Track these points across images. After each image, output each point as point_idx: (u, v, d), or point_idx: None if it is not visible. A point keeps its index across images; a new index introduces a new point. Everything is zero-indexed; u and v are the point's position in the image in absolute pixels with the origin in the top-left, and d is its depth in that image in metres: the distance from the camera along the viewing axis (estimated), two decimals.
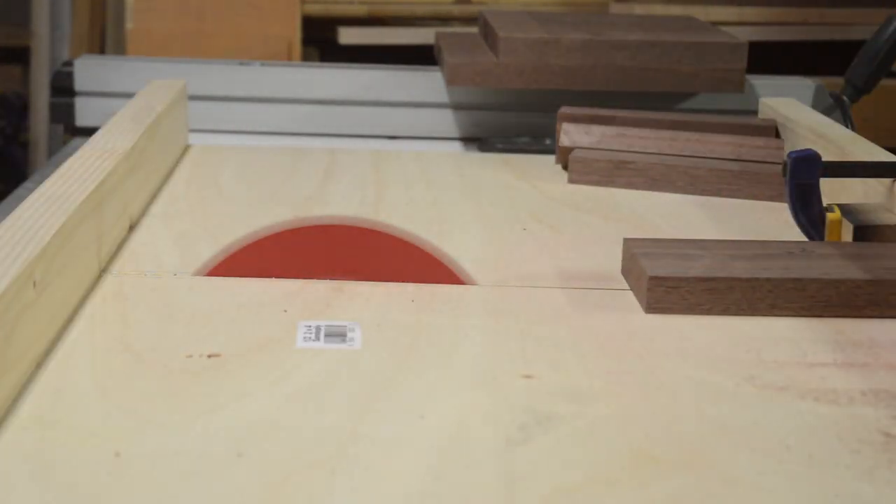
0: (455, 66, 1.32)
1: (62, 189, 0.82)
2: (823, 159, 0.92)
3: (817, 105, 1.42)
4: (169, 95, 1.17)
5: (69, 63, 1.46)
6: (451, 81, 1.33)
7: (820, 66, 1.58)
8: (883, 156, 1.01)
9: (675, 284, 0.80)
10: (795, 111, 1.21)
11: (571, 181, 1.15)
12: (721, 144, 1.16)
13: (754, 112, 1.32)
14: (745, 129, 1.20)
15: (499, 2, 2.01)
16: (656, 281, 0.80)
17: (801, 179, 0.91)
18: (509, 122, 1.40)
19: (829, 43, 2.05)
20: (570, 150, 1.18)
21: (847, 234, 0.90)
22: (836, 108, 1.36)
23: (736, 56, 1.32)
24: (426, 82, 1.41)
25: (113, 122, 1.05)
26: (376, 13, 2.00)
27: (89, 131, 1.40)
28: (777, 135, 1.20)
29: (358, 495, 0.55)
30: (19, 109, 2.54)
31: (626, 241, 0.86)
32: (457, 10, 2.01)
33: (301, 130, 1.40)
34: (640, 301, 0.81)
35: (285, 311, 0.78)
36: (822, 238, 0.91)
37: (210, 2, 1.80)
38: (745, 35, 1.50)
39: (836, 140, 1.08)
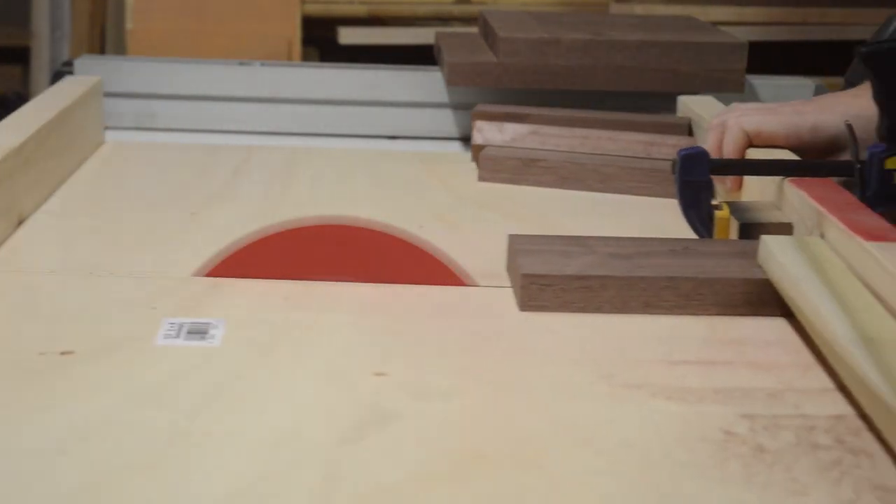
0: (455, 66, 1.32)
1: None
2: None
3: None
4: (77, 92, 1.18)
5: (69, 63, 1.46)
6: (451, 81, 1.32)
7: (820, 66, 1.58)
8: (781, 155, 0.99)
9: (548, 282, 0.80)
10: (709, 109, 1.21)
11: (482, 179, 1.15)
12: (633, 143, 1.17)
13: None
14: (658, 128, 1.20)
15: (499, 2, 2.01)
16: (530, 278, 0.80)
17: (690, 177, 0.91)
18: None
19: (829, 43, 2.05)
20: (482, 147, 1.19)
21: (734, 232, 0.90)
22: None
23: (736, 56, 1.32)
24: (426, 82, 1.41)
25: (9, 119, 1.06)
26: (376, 13, 2.00)
27: None
28: (690, 133, 1.21)
29: (174, 494, 0.54)
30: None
31: (510, 237, 0.86)
32: (457, 10, 2.01)
33: (301, 130, 1.40)
34: (516, 298, 0.81)
35: (154, 308, 0.78)
36: (711, 235, 0.91)
37: (210, 2, 1.80)
38: (745, 35, 1.50)
39: None
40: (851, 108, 0.90)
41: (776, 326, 0.78)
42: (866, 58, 0.87)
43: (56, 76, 1.45)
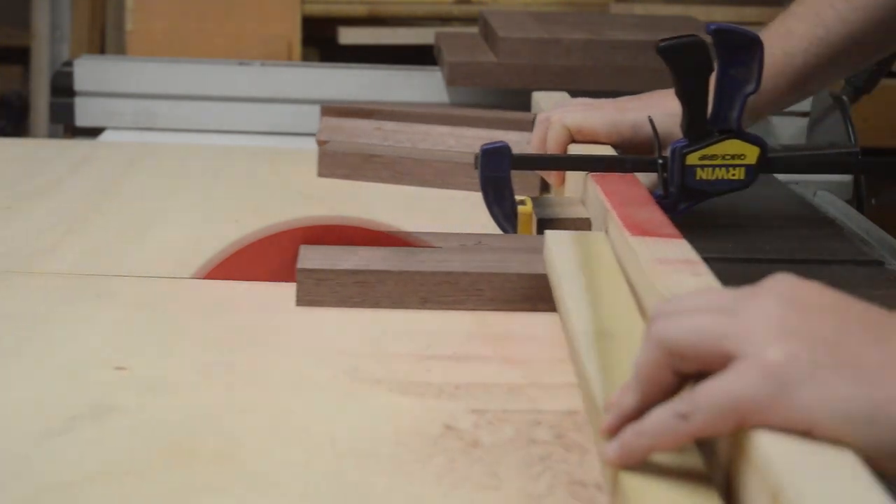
0: (455, 66, 1.32)
1: None
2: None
3: (817, 105, 1.42)
4: None
5: (69, 63, 1.46)
6: (451, 81, 1.33)
7: None
8: (599, 150, 0.98)
9: (324, 276, 0.79)
10: (554, 105, 1.20)
11: (321, 174, 1.15)
12: (474, 139, 1.16)
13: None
14: (500, 124, 1.20)
15: (499, 2, 2.01)
16: (306, 273, 0.80)
17: (492, 172, 0.90)
18: None
19: None
20: (324, 143, 1.19)
21: (536, 227, 0.89)
22: (836, 108, 1.36)
23: None
24: (426, 82, 1.41)
25: None
26: (376, 13, 1.99)
27: (89, 131, 1.41)
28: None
29: None
30: (19, 109, 2.54)
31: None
32: (457, 10, 2.01)
33: (301, 130, 1.40)
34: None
35: None
36: (515, 230, 0.91)
37: (210, 2, 1.79)
38: None
39: None
40: (675, 105, 0.90)
41: (546, 322, 0.77)
42: (663, 53, 0.86)
43: (56, 76, 1.45)
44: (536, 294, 0.79)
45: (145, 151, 1.24)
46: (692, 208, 0.93)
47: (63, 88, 1.42)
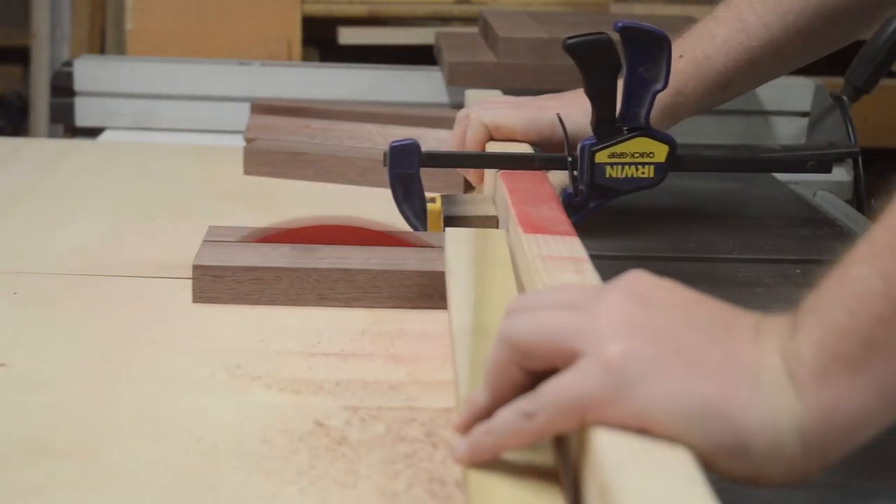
0: (455, 66, 1.32)
1: None
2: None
3: (817, 105, 1.42)
4: None
5: (69, 63, 1.46)
6: (451, 81, 1.32)
7: (820, 66, 1.58)
8: (516, 148, 0.97)
9: (220, 273, 0.80)
10: (475, 102, 1.19)
11: (247, 172, 1.15)
12: (401, 137, 1.16)
13: (758, 112, 1.32)
14: (429, 122, 1.19)
15: (499, 2, 2.01)
16: (202, 269, 0.80)
17: (401, 169, 0.90)
18: None
19: None
20: (251, 141, 1.19)
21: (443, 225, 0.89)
22: (836, 108, 1.36)
23: None
24: (426, 82, 1.41)
25: None
26: (376, 13, 1.99)
27: (89, 131, 1.41)
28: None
29: None
30: (19, 109, 2.54)
31: (209, 228, 0.86)
32: (457, 10, 2.01)
33: None
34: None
35: None
36: (425, 228, 0.91)
37: (210, 2, 1.79)
38: None
39: None
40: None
41: (441, 319, 0.78)
42: (570, 50, 0.86)
43: (56, 76, 1.45)
44: (435, 291, 0.79)
45: (71, 149, 1.25)
46: (602, 206, 0.92)
47: (63, 88, 1.42)
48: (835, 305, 0.49)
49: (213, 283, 0.79)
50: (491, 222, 0.88)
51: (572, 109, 0.95)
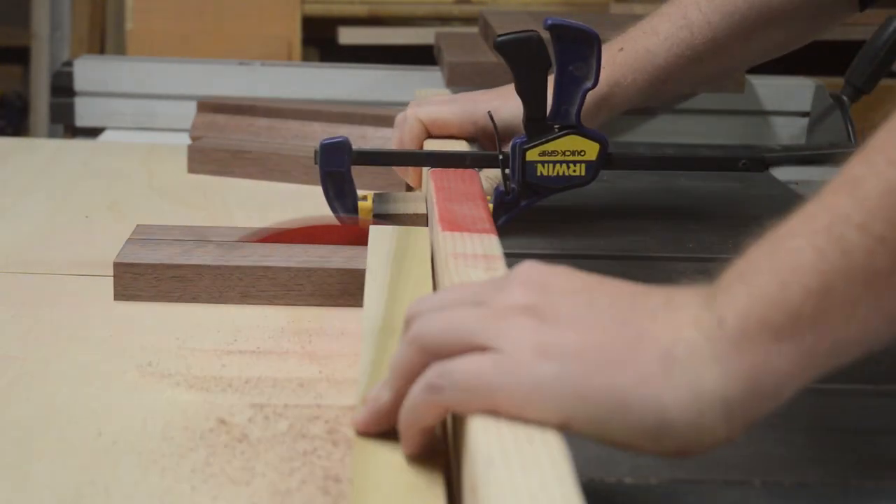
0: (455, 66, 1.32)
1: None
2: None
3: (817, 105, 1.42)
4: None
5: (69, 63, 1.46)
6: (451, 81, 1.32)
7: (820, 66, 1.58)
8: (453, 146, 0.97)
9: (140, 271, 0.80)
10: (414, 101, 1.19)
11: (191, 170, 1.16)
12: (347, 135, 1.16)
13: (758, 112, 1.32)
14: (373, 120, 1.19)
15: (499, 2, 2.01)
16: (123, 267, 0.80)
17: (332, 167, 0.90)
18: None
19: (829, 43, 2.05)
20: (197, 139, 1.19)
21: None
22: (836, 108, 1.36)
23: None
24: (426, 82, 1.41)
25: None
26: (376, 13, 1.99)
27: (89, 131, 1.41)
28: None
29: None
30: (19, 109, 2.54)
31: (137, 227, 0.87)
32: (457, 10, 2.01)
33: None
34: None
35: None
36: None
37: (210, 2, 1.80)
38: None
39: None
40: None
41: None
42: (499, 48, 0.86)
43: (56, 76, 1.45)
44: (358, 289, 0.79)
45: (20, 147, 1.25)
46: (534, 205, 0.92)
47: (63, 88, 1.42)
48: (766, 275, 0.50)
49: (134, 281, 0.80)
50: (421, 220, 0.88)
51: (506, 102, 0.95)
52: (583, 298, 0.51)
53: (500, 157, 0.91)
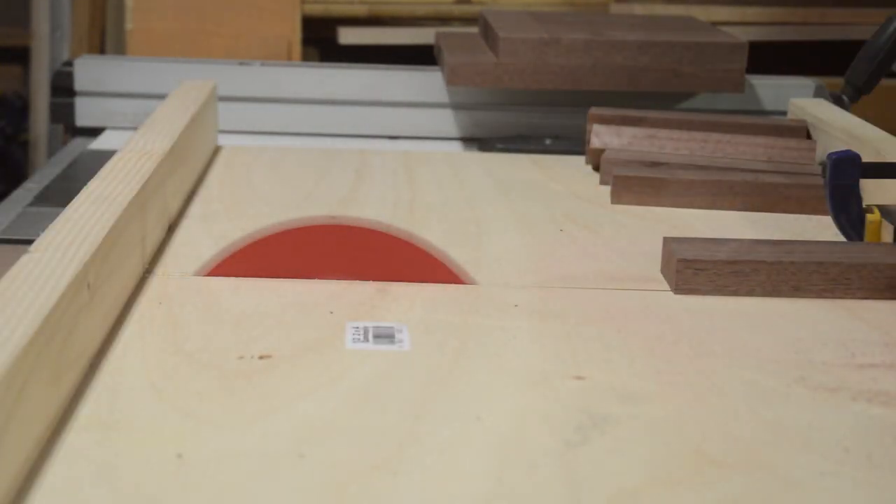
0: (455, 66, 1.32)
1: (108, 190, 0.82)
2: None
3: None
4: (202, 96, 1.17)
5: (69, 63, 1.46)
6: (451, 81, 1.32)
7: (820, 66, 1.58)
8: None
9: (702, 267, 0.83)
10: (827, 112, 1.20)
11: (603, 182, 1.13)
12: (752, 146, 1.15)
13: (758, 112, 1.32)
14: (775, 131, 1.18)
15: (499, 2, 2.01)
16: (684, 263, 0.83)
17: (841, 181, 0.90)
18: (509, 122, 1.40)
19: (829, 43, 2.04)
20: (601, 151, 1.17)
21: (887, 235, 0.90)
22: (836, 108, 1.36)
23: (736, 56, 1.32)
24: (426, 82, 1.41)
25: (149, 124, 1.04)
26: (376, 13, 2.00)
27: (89, 131, 1.41)
28: (808, 135, 1.20)
29: (421, 496, 0.55)
30: (19, 109, 2.54)
31: (665, 239, 0.88)
32: (457, 10, 2.01)
33: (301, 130, 1.40)
34: (669, 285, 0.84)
35: (331, 312, 0.78)
36: (861, 239, 0.91)
37: (210, 2, 1.80)
38: (746, 35, 1.50)
39: (871, 141, 1.07)
40: None
41: None
42: None
43: (56, 76, 1.45)
44: None
45: (409, 159, 1.23)
46: None
47: (63, 88, 1.42)
48: None
49: (695, 276, 0.83)
50: None
51: None
52: None
53: None
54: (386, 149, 1.34)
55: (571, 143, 1.31)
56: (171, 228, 0.95)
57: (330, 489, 0.55)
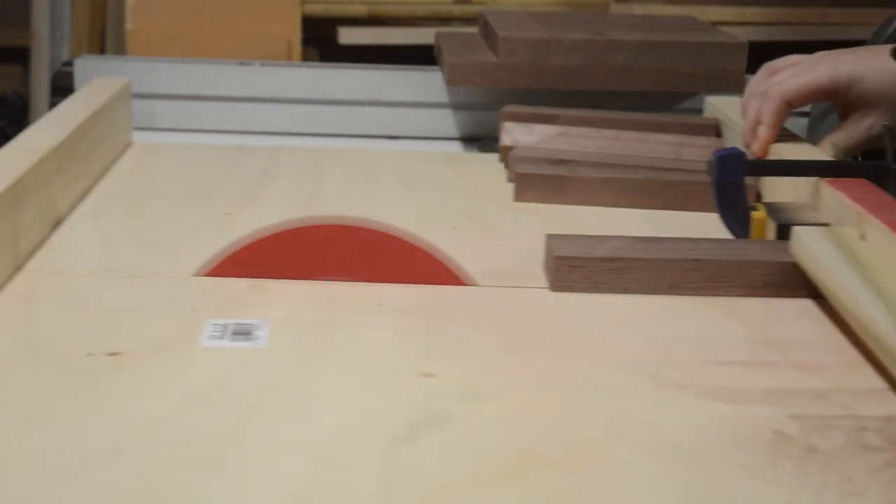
0: (455, 66, 1.32)
1: None
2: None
3: (817, 105, 1.42)
4: (107, 93, 1.17)
5: (69, 63, 1.46)
6: (451, 81, 1.33)
7: None
8: (816, 156, 0.99)
9: (578, 264, 0.82)
10: (738, 110, 1.20)
11: (510, 180, 1.13)
12: (661, 144, 1.15)
13: None
14: (686, 129, 1.19)
15: (498, 2, 2.01)
16: (561, 260, 0.82)
17: (726, 178, 0.90)
18: None
19: (829, 43, 2.05)
20: (510, 149, 1.17)
21: (771, 232, 0.90)
22: (834, 108, 1.36)
23: (736, 56, 1.32)
24: (426, 82, 1.41)
25: (44, 120, 1.05)
26: (376, 13, 2.00)
27: None
28: (719, 134, 1.20)
29: (225, 496, 0.54)
30: (19, 109, 2.54)
31: (547, 236, 0.87)
32: (457, 10, 2.01)
33: (301, 131, 1.40)
34: (548, 282, 0.83)
35: (195, 309, 0.77)
36: (747, 236, 0.91)
37: (210, 2, 1.80)
38: (746, 35, 1.50)
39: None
40: (888, 62, 0.89)
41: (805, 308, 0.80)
42: None
43: (56, 76, 1.45)
44: (780, 282, 0.82)
45: (321, 156, 1.24)
46: None
47: (63, 88, 1.42)
48: None
49: (571, 273, 0.82)
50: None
51: (873, 66, 0.94)
52: None
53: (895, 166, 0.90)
54: (386, 149, 1.34)
55: None
56: (57, 224, 0.94)
57: (139, 488, 0.54)
